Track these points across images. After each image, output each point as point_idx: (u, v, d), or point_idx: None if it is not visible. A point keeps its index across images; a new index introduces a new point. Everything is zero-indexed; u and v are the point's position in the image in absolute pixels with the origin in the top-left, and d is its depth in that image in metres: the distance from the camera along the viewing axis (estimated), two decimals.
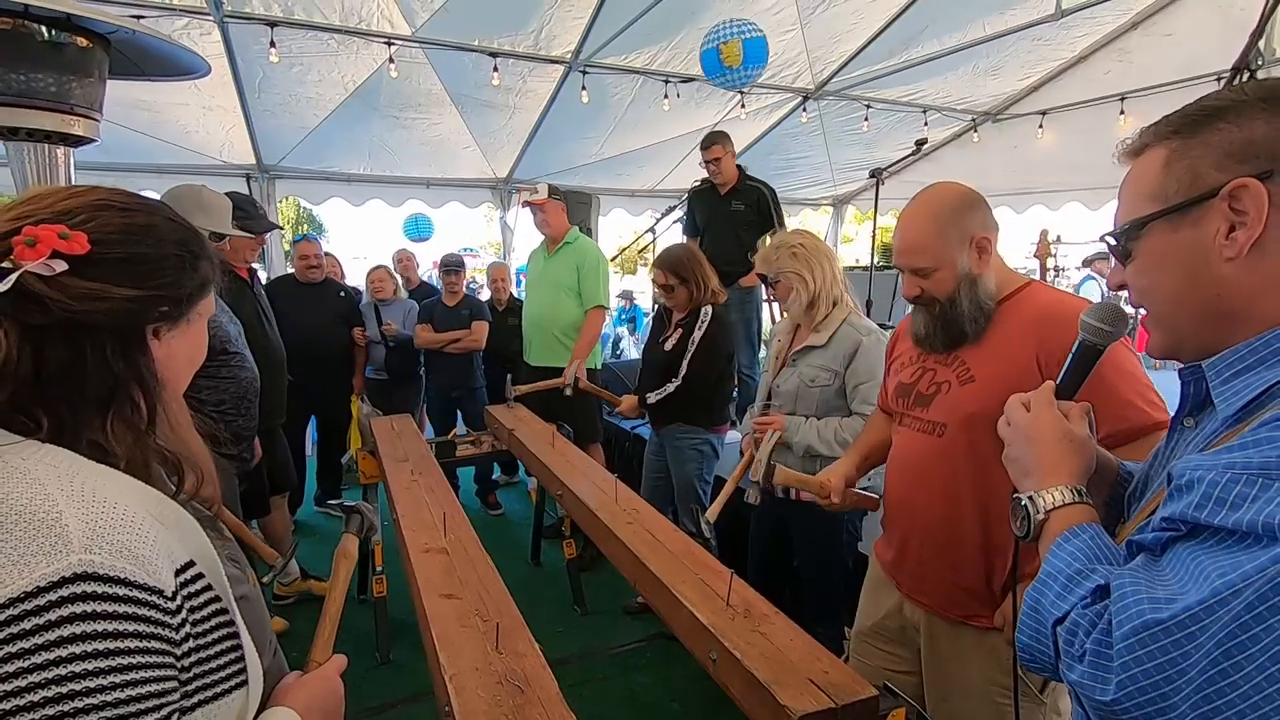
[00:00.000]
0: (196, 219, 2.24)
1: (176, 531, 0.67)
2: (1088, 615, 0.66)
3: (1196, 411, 0.77)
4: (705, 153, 3.91)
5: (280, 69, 4.34)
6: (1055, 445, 0.83)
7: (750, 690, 1.25)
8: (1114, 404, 1.23)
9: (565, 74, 5.00)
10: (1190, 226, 0.69)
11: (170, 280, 0.72)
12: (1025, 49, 5.39)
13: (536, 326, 3.77)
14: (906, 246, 1.40)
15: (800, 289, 2.17)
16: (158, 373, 0.72)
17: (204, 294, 0.78)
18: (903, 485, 1.52)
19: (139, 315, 0.69)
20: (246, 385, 2.44)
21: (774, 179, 7.24)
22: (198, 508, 0.80)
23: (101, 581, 0.58)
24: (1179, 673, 0.57)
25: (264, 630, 0.79)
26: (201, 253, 0.77)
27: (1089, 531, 0.74)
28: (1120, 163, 0.79)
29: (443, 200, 6.37)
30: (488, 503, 4.61)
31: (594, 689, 2.69)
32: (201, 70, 2.10)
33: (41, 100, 1.78)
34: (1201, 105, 0.70)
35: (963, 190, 1.39)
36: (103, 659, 0.57)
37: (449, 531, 1.94)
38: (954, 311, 1.37)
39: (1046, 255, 6.11)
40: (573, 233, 3.74)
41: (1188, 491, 0.62)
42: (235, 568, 0.78)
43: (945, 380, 1.43)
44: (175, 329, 0.74)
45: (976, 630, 1.41)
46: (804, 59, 5.29)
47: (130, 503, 0.63)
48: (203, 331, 0.80)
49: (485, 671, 1.31)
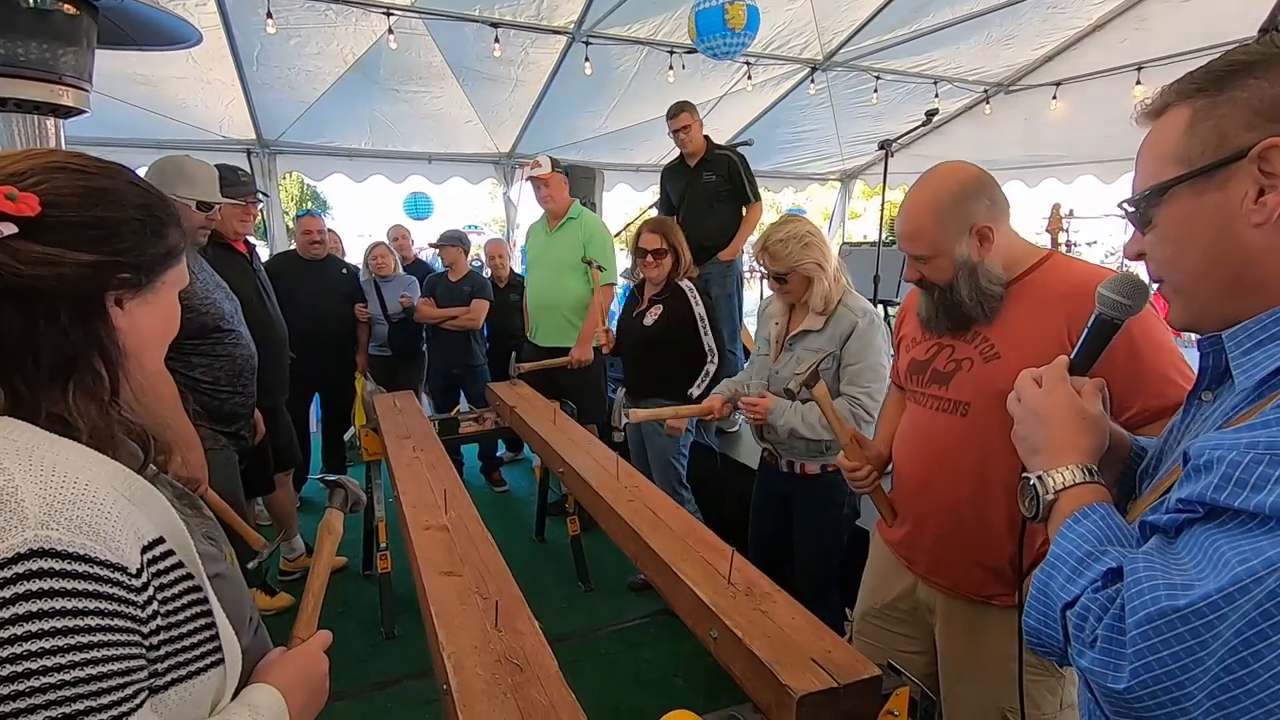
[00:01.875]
0: (180, 189, 2.21)
1: (145, 508, 0.65)
2: (1099, 600, 0.64)
3: (1215, 385, 0.73)
4: (671, 122, 3.77)
5: (277, 41, 4.27)
6: (1066, 423, 0.80)
7: (751, 669, 1.23)
8: (1153, 380, 1.19)
9: (568, 45, 4.90)
10: (1216, 191, 0.64)
11: (130, 245, 0.69)
12: (1040, 17, 5.24)
13: (543, 307, 3.66)
14: (906, 232, 1.38)
15: (820, 278, 2.12)
16: (120, 343, 0.69)
17: (171, 262, 0.75)
18: (919, 465, 1.47)
19: (97, 282, 0.66)
20: (243, 363, 2.42)
21: (781, 153, 7.21)
22: (175, 484, 0.78)
23: (58, 558, 0.56)
24: (1196, 662, 0.55)
25: (242, 608, 0.78)
26: (168, 219, 0.74)
27: (1099, 511, 0.71)
28: (1138, 124, 0.74)
29: (445, 176, 6.31)
30: (492, 480, 4.62)
31: (597, 665, 2.70)
32: (193, 39, 2.05)
33: (29, 70, 1.74)
34: (1229, 60, 0.65)
35: (967, 175, 1.33)
36: (59, 637, 0.55)
37: (450, 509, 1.93)
38: (953, 297, 1.35)
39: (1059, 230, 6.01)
40: (575, 207, 3.65)
41: (1206, 472, 0.59)
42: (211, 545, 0.77)
43: (966, 357, 1.38)
44: (139, 298, 0.71)
45: (999, 609, 1.39)
46: (812, 28, 5.16)
47: (93, 477, 0.61)
48: (172, 302, 0.77)
49: (484, 650, 1.29)
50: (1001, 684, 1.38)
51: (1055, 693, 1.37)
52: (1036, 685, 1.36)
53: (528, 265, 3.89)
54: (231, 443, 2.45)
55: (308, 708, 0.82)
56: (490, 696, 1.17)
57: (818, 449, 2.22)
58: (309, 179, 6.95)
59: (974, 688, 1.44)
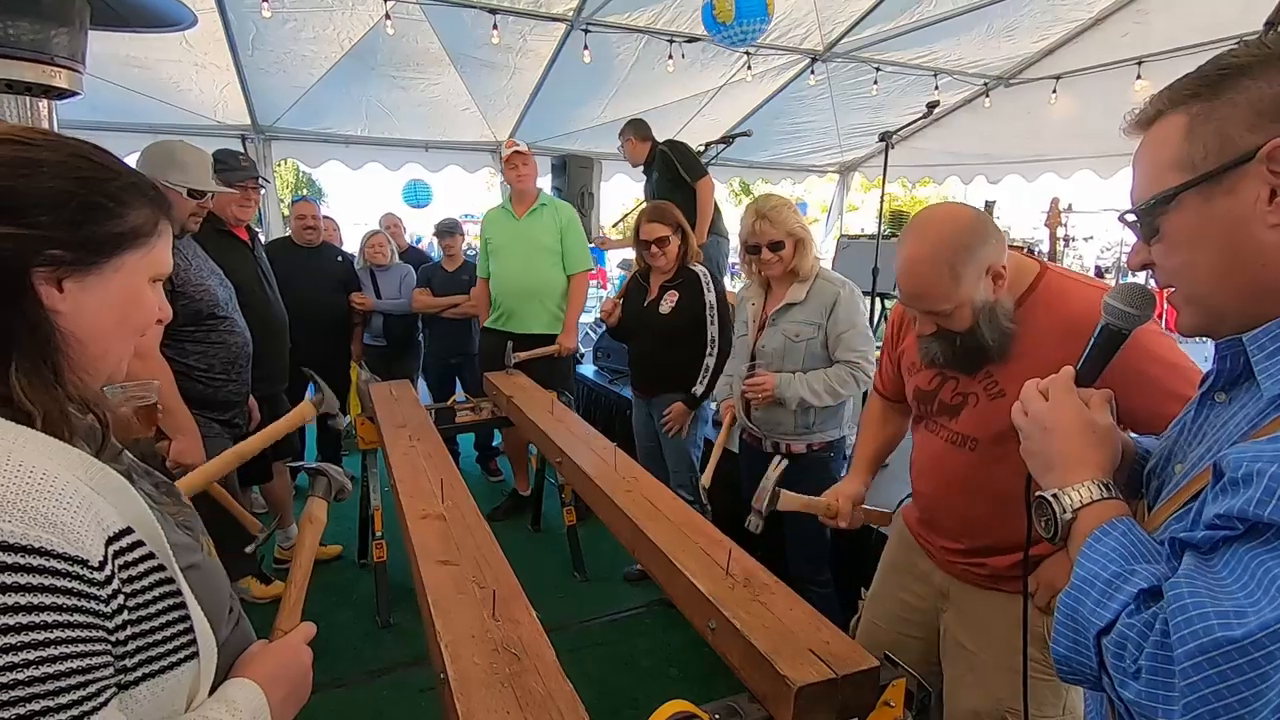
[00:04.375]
0: (171, 175, 2.17)
1: (111, 496, 0.62)
2: (1136, 626, 0.61)
3: (1230, 387, 0.72)
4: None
5: (273, 25, 4.22)
6: (1078, 437, 0.77)
7: (749, 660, 1.23)
8: (1157, 398, 1.14)
9: (567, 32, 4.86)
10: (1225, 195, 0.63)
11: (61, 221, 0.64)
12: (1040, 9, 5.22)
13: (519, 294, 3.54)
14: (918, 294, 1.28)
15: (808, 240, 2.24)
16: (59, 325, 0.65)
17: (128, 244, 0.69)
18: (938, 489, 1.48)
19: (17, 256, 0.62)
20: (237, 350, 2.40)
21: (780, 144, 7.18)
22: (154, 473, 0.76)
23: (11, 551, 0.54)
24: (1256, 695, 0.52)
25: (220, 600, 0.75)
26: (127, 200, 0.69)
27: (1120, 527, 0.69)
28: (1128, 134, 0.73)
29: (442, 164, 6.26)
30: (489, 469, 4.61)
31: (593, 654, 2.71)
32: (186, 21, 2.02)
33: (21, 50, 1.71)
34: (1220, 65, 0.64)
35: (967, 218, 1.26)
36: (12, 635, 0.53)
37: (446, 498, 1.92)
38: (975, 341, 1.29)
39: (1057, 225, 6.01)
40: (544, 194, 3.65)
41: (1246, 486, 0.56)
42: (187, 535, 0.75)
43: (972, 392, 1.36)
44: (82, 280, 0.66)
45: (1006, 595, 1.39)
46: (813, 18, 5.13)
47: (52, 467, 0.59)
48: (134, 288, 0.71)
49: (481, 639, 1.29)
50: (1005, 679, 1.38)
51: (1059, 695, 1.37)
52: (1042, 685, 1.35)
53: (491, 252, 3.66)
54: (225, 430, 2.44)
55: (288, 701, 0.79)
56: (487, 685, 1.17)
57: (804, 425, 2.25)
58: (305, 166, 6.90)
59: (978, 678, 1.44)
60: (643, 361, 3.05)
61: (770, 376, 2.20)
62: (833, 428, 2.31)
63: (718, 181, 4.48)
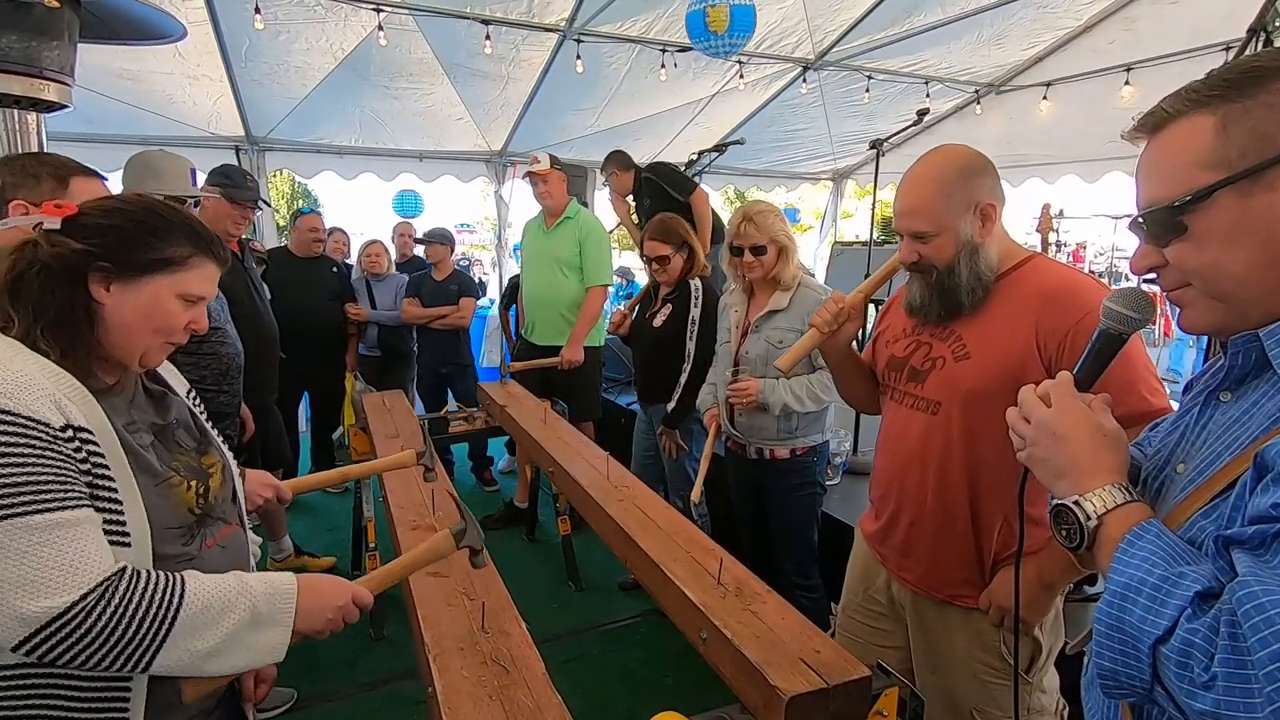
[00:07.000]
0: (148, 184, 2.17)
1: (77, 404, 0.85)
2: (1200, 631, 0.58)
3: (1236, 385, 0.71)
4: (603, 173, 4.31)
5: (266, 36, 4.22)
6: (1089, 441, 0.75)
7: (740, 670, 1.23)
8: (1111, 386, 1.18)
9: (559, 43, 4.88)
10: (1264, 191, 0.64)
11: (110, 244, 0.92)
12: (1030, 17, 5.25)
13: (539, 305, 3.64)
14: (907, 209, 1.32)
15: (791, 246, 2.26)
16: (97, 311, 0.92)
17: (159, 269, 0.95)
18: (895, 463, 1.48)
19: (80, 262, 0.91)
20: (228, 361, 2.40)
21: (772, 152, 7.20)
22: (168, 430, 1.04)
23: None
24: None
25: (173, 515, 0.95)
26: (166, 237, 0.96)
27: (1152, 530, 0.66)
28: (1132, 138, 0.73)
29: (436, 174, 6.26)
30: (483, 480, 4.59)
31: (587, 664, 2.69)
32: (177, 33, 2.02)
33: (10, 64, 1.71)
34: (1250, 67, 0.65)
35: (972, 154, 1.33)
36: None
37: (437, 509, 1.92)
38: (951, 281, 1.32)
39: (1049, 230, 6.02)
40: (572, 206, 3.63)
41: None
42: (171, 471, 0.98)
43: (940, 356, 1.38)
44: (122, 285, 0.93)
45: (962, 610, 1.40)
46: (804, 27, 5.16)
47: (28, 369, 0.83)
48: (156, 300, 0.95)
49: (470, 651, 1.28)
50: (968, 684, 1.39)
51: (1023, 700, 1.36)
52: (1003, 689, 1.36)
53: (523, 263, 3.86)
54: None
55: (308, 611, 0.97)
56: (475, 699, 1.16)
57: (787, 431, 2.25)
58: (299, 177, 6.89)
59: (944, 683, 1.44)
60: (640, 371, 3.13)
61: (754, 381, 2.21)
62: (815, 433, 2.32)
63: (711, 190, 4.48)
